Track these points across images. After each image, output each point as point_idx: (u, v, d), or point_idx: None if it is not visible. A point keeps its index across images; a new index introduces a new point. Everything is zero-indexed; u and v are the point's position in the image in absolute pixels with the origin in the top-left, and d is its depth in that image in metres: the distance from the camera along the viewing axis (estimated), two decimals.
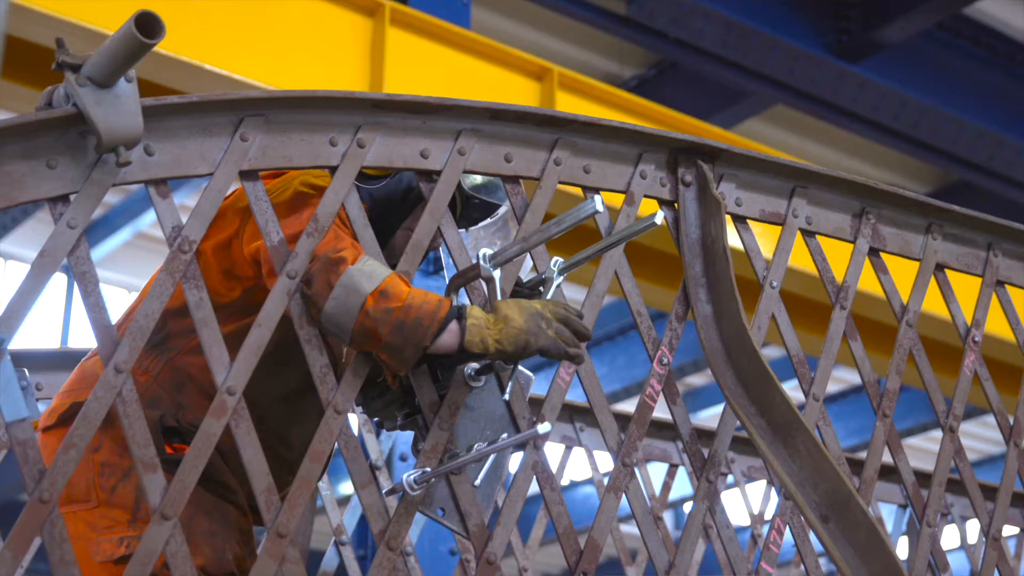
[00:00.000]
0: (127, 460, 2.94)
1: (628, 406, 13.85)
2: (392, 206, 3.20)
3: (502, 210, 3.26)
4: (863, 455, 3.78)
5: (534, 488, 3.00)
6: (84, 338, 12.88)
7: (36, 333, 13.28)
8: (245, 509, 3.07)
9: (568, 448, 5.49)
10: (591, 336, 2.86)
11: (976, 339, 3.66)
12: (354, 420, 4.92)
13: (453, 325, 2.78)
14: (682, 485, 12.63)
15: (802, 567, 3.72)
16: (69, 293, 13.44)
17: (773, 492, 5.80)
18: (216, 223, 3.04)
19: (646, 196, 3.27)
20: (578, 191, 3.22)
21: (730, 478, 5.74)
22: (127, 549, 2.89)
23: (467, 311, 2.80)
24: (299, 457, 3.09)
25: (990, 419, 15.27)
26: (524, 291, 3.10)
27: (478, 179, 3.23)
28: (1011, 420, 3.67)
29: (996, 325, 6.33)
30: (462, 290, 3.01)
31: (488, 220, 3.26)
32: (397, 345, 2.75)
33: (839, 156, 12.78)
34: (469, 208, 3.23)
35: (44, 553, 2.62)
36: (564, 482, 12.94)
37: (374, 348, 2.79)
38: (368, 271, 2.78)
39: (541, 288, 3.03)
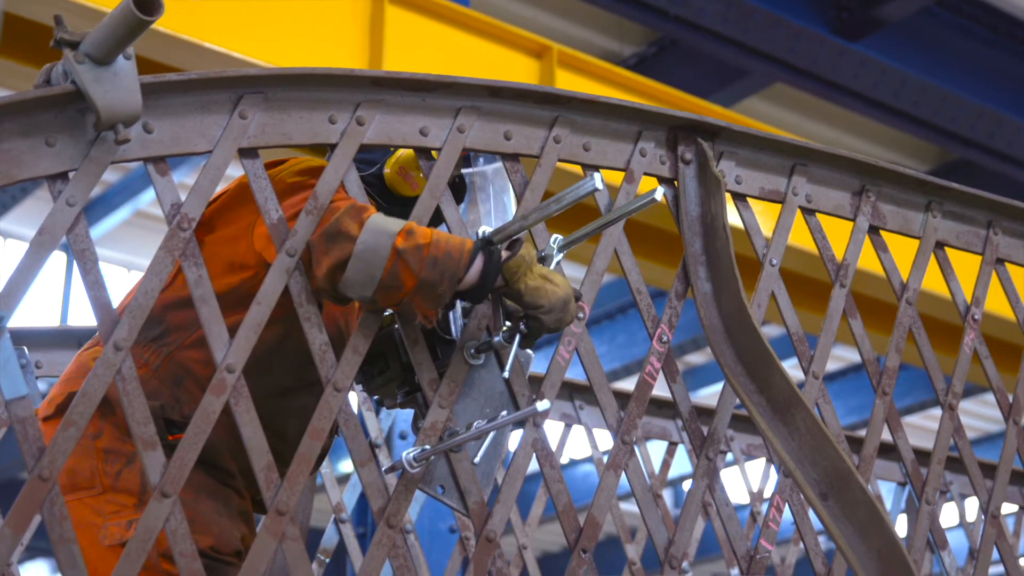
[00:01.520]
0: (129, 445, 2.94)
1: (628, 384, 13.87)
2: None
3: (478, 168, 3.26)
4: (863, 433, 3.79)
5: (534, 466, 3.01)
6: (83, 316, 12.88)
7: (36, 311, 13.28)
8: (243, 493, 3.08)
9: (568, 426, 5.49)
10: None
11: (976, 317, 3.66)
12: (354, 398, 4.92)
13: (478, 259, 2.79)
14: (681, 463, 12.66)
15: (801, 545, 3.73)
16: (68, 271, 13.45)
17: (772, 470, 5.81)
18: (224, 216, 3.05)
19: (646, 174, 3.26)
20: (578, 169, 3.21)
21: (729, 456, 5.75)
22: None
23: (522, 245, 2.83)
24: (294, 451, 3.09)
25: (989, 397, 15.28)
26: None
27: None
28: (1010, 398, 3.67)
29: (996, 303, 6.33)
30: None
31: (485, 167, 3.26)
32: (433, 281, 2.74)
33: (839, 134, 12.77)
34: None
35: (44, 531, 2.62)
36: (564, 460, 12.94)
37: (399, 296, 2.76)
38: (391, 218, 2.79)
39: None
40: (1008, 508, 6.65)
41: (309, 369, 2.94)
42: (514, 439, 3.09)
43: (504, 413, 2.92)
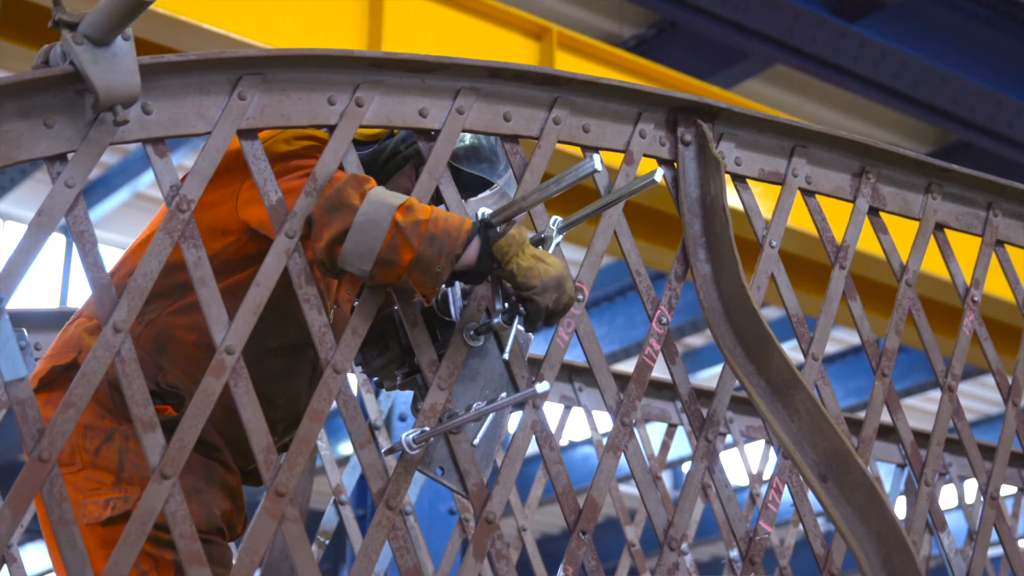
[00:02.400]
0: (109, 422, 2.94)
1: (627, 367, 13.86)
2: (374, 170, 3.18)
3: (496, 186, 3.25)
4: (862, 415, 3.79)
5: (533, 448, 3.01)
6: (83, 298, 12.86)
7: (35, 293, 13.28)
8: (230, 465, 3.07)
9: (567, 408, 5.50)
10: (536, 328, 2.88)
11: (975, 299, 3.66)
12: (353, 380, 4.92)
13: (476, 240, 2.79)
14: (681, 445, 12.66)
15: (800, 526, 3.74)
16: (68, 253, 13.44)
17: (772, 452, 5.81)
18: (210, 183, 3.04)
19: (645, 155, 3.26)
20: (577, 150, 3.21)
21: (729, 438, 5.75)
22: (113, 511, 2.89)
23: (513, 226, 2.81)
24: (283, 417, 3.09)
25: (988, 379, 15.30)
26: None
27: (462, 146, 3.21)
28: (1010, 380, 3.67)
29: (995, 285, 6.33)
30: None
31: (485, 193, 3.24)
32: (432, 257, 2.73)
33: (839, 115, 12.75)
34: (460, 175, 3.21)
35: None
36: (563, 442, 12.98)
37: (397, 272, 2.75)
38: (392, 192, 2.78)
39: (540, 247, 3.03)
40: (1007, 490, 6.66)
41: (293, 331, 2.94)
42: (513, 421, 3.09)
43: (503, 395, 2.92)
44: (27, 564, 4.34)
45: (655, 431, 12.78)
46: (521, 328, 2.97)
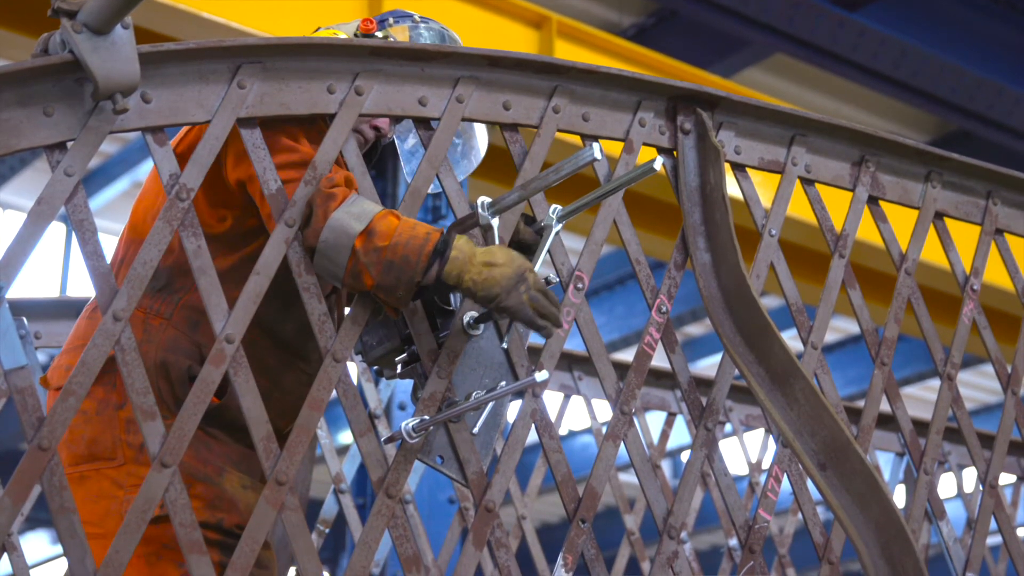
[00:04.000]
0: None
1: (627, 355, 13.86)
2: None
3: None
4: (861, 404, 3.80)
5: (532, 436, 3.01)
6: (83, 287, 12.87)
7: (35, 282, 13.28)
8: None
9: (567, 397, 5.50)
10: (560, 323, 2.83)
11: (975, 287, 3.66)
12: (353, 368, 4.93)
13: (438, 264, 2.76)
14: (680, 433, 12.68)
15: (800, 515, 3.73)
16: (68, 242, 13.44)
17: (771, 440, 5.82)
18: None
19: (645, 144, 3.26)
20: (577, 139, 3.21)
21: (728, 426, 5.76)
22: (159, 509, 2.86)
23: (453, 241, 2.77)
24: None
25: (988, 368, 15.29)
26: (526, 240, 3.10)
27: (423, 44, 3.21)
28: (1009, 369, 3.67)
29: (995, 274, 6.33)
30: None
31: None
32: (390, 285, 2.74)
33: (838, 104, 12.74)
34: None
35: (44, 501, 2.63)
36: (563, 432, 13.00)
37: (367, 289, 2.78)
38: (356, 211, 2.77)
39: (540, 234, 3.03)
40: (1006, 478, 6.67)
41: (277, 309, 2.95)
42: (513, 409, 3.09)
43: (503, 383, 2.92)
44: (27, 553, 4.35)
45: (654, 420, 12.78)
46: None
